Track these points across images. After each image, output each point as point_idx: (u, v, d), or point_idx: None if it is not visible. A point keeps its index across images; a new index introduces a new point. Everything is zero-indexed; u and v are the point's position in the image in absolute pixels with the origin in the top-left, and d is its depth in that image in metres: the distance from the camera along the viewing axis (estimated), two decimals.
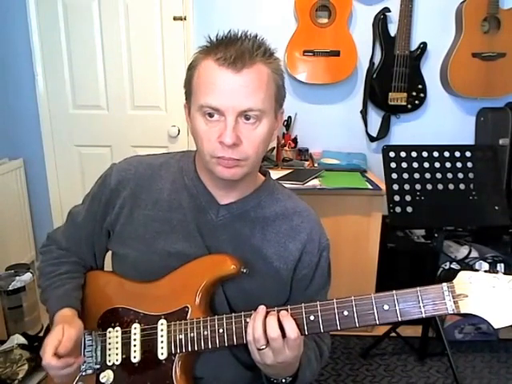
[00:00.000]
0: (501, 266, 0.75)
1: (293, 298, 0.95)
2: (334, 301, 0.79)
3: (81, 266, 1.02)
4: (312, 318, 0.79)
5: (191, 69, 0.84)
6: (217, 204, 0.91)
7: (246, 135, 0.80)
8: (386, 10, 2.33)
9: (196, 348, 0.85)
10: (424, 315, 0.73)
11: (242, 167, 0.83)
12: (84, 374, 0.92)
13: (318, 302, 0.79)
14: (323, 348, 0.98)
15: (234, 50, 0.77)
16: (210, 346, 0.85)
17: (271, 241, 0.92)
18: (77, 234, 1.00)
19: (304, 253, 0.93)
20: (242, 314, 0.83)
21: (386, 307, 0.75)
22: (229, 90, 0.77)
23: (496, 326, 0.71)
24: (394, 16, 2.34)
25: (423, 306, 0.73)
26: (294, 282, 0.94)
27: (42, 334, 2.08)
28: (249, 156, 0.82)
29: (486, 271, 0.72)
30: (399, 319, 0.74)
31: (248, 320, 0.81)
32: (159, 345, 0.88)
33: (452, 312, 0.72)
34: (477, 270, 0.73)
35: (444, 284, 0.73)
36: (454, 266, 2.13)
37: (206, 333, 0.85)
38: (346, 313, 0.77)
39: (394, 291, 0.75)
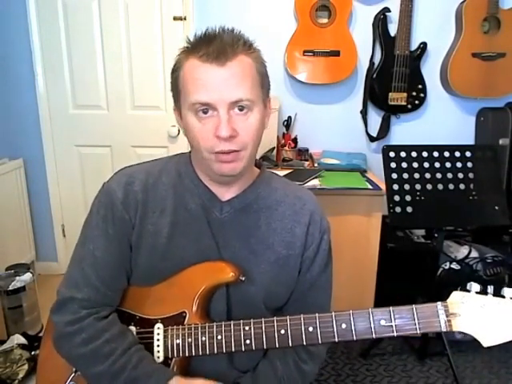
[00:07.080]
0: (491, 288, 0.78)
1: (296, 284, 0.96)
2: (333, 314, 0.80)
3: (116, 316, 0.92)
4: (311, 329, 0.81)
5: (175, 71, 0.85)
6: (219, 201, 0.91)
7: (240, 126, 0.81)
8: (386, 10, 2.33)
9: (193, 353, 0.86)
10: (418, 331, 0.77)
11: (241, 160, 0.83)
12: (76, 374, 0.92)
13: (316, 314, 0.81)
14: (304, 368, 0.95)
15: (216, 45, 0.79)
16: (207, 352, 0.85)
17: (277, 229, 0.93)
18: (105, 271, 0.89)
19: (308, 235, 0.94)
20: (241, 322, 0.84)
21: (382, 322, 0.78)
22: (216, 84, 0.78)
23: (485, 345, 0.75)
24: (394, 16, 2.34)
25: (418, 323, 0.77)
26: (300, 265, 0.95)
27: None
28: (247, 145, 0.82)
29: (477, 292, 0.76)
30: (395, 334, 0.78)
31: (247, 328, 0.82)
32: (155, 348, 0.88)
33: (445, 330, 0.76)
34: (468, 291, 0.77)
35: (438, 303, 0.77)
36: (454, 266, 2.13)
37: (203, 339, 0.85)
38: (344, 326, 0.79)
39: (391, 307, 0.78)
